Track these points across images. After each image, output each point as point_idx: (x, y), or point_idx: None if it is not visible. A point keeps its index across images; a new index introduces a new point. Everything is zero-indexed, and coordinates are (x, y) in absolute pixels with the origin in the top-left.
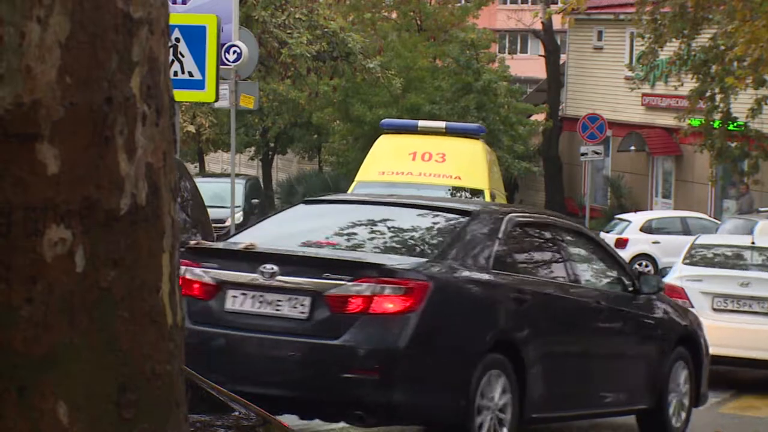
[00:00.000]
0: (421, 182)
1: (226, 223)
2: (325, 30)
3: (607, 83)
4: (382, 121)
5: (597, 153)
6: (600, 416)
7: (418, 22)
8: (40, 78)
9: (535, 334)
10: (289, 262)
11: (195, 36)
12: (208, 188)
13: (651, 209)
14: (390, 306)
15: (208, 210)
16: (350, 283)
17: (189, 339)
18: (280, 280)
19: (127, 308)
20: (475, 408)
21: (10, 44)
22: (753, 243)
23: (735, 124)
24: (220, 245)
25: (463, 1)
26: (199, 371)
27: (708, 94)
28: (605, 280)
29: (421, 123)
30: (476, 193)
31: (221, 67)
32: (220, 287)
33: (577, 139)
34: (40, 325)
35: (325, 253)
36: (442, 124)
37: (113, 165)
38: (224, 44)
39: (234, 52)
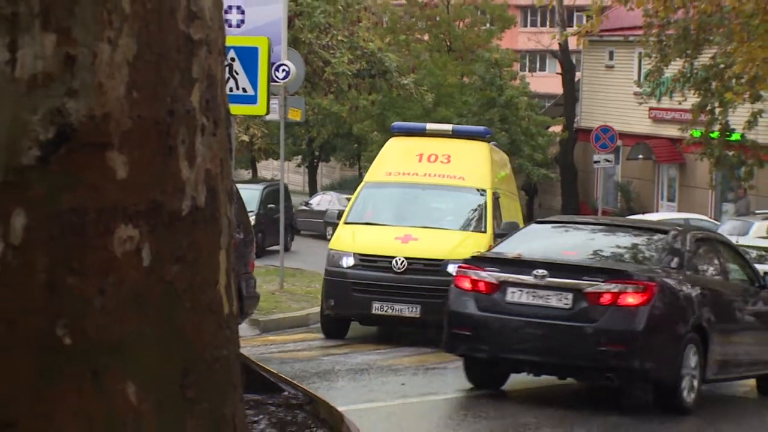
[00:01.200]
0: (426, 182)
1: None
2: (365, 50)
3: (618, 98)
4: (393, 124)
5: (608, 161)
6: (747, 377)
7: (448, 44)
8: (111, 93)
9: (713, 317)
10: (554, 268)
11: (248, 56)
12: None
13: (657, 212)
14: (631, 300)
15: None
16: (603, 283)
17: (478, 322)
18: (548, 281)
19: (189, 300)
20: (681, 371)
21: (83, 63)
22: None
23: (733, 135)
24: (498, 255)
25: (488, 24)
26: (486, 346)
27: (708, 107)
28: (743, 277)
29: (429, 126)
30: (479, 192)
31: (272, 83)
32: (501, 285)
33: (590, 149)
34: (111, 314)
35: (581, 261)
36: (449, 126)
37: (176, 171)
38: (274, 63)
39: (283, 70)
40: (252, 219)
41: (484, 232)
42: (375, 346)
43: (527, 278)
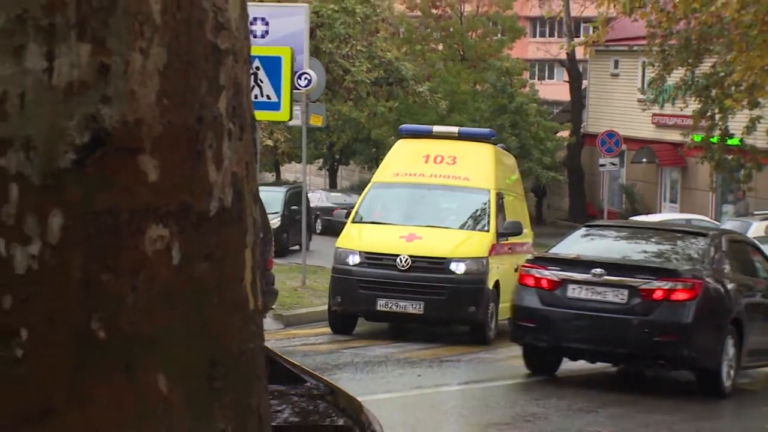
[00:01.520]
0: (431, 183)
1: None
2: (382, 60)
3: (623, 104)
4: (401, 126)
5: (614, 164)
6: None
7: (461, 53)
8: (142, 100)
9: (747, 310)
10: (610, 267)
11: (272, 65)
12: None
13: (660, 212)
14: (681, 296)
15: None
16: (655, 281)
17: (541, 315)
18: (605, 279)
19: (216, 296)
20: (722, 359)
21: (117, 71)
22: None
23: (732, 140)
24: (557, 256)
25: (499, 35)
26: (548, 336)
27: (709, 114)
28: (766, 275)
29: (436, 128)
30: (483, 192)
31: (294, 91)
32: (562, 282)
33: (596, 152)
34: (143, 310)
35: (636, 261)
36: (455, 129)
37: (204, 174)
38: (297, 72)
39: (305, 78)
40: (277, 220)
41: (488, 231)
42: (392, 340)
43: (586, 276)
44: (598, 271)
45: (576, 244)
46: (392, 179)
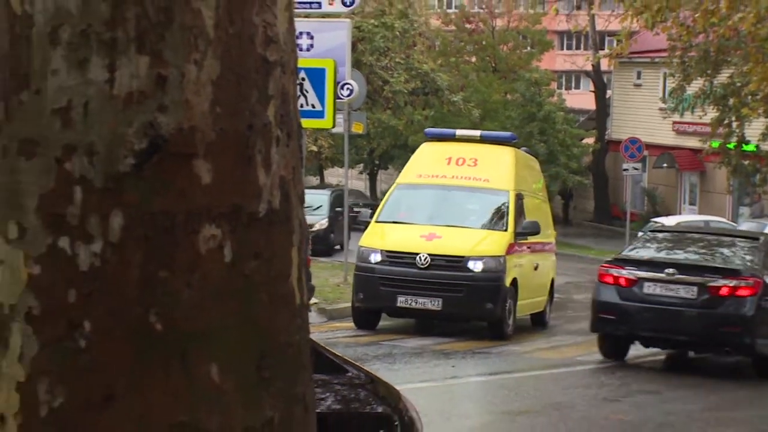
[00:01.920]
0: (453, 184)
1: (315, 228)
2: (419, 71)
3: (645, 113)
4: (426, 130)
5: (636, 169)
6: None
7: (493, 65)
8: (197, 108)
9: None
10: (681, 267)
11: (317, 76)
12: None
13: (680, 214)
14: (744, 292)
15: None
16: (721, 279)
17: (620, 308)
18: (677, 277)
19: (265, 292)
20: None
21: (173, 82)
22: None
23: (748, 146)
24: (633, 257)
25: (528, 48)
26: (626, 326)
27: (726, 121)
28: None
29: (459, 131)
30: (502, 193)
31: (337, 100)
32: (638, 280)
33: (620, 158)
34: (197, 305)
35: (704, 261)
36: (477, 132)
37: (254, 177)
38: (339, 82)
39: (347, 88)
40: (325, 221)
41: (506, 230)
42: (427, 333)
43: (660, 275)
44: (671, 270)
45: (644, 247)
46: (415, 180)
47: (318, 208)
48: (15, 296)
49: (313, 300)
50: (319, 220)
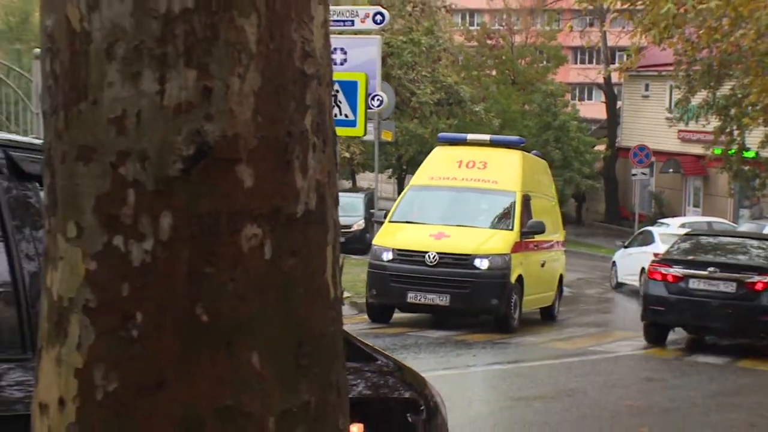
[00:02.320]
0: (462, 186)
1: (353, 228)
2: (443, 84)
3: (652, 122)
4: (439, 134)
5: (644, 174)
6: None
7: (512, 78)
8: (240, 117)
9: None
10: (722, 266)
11: (349, 88)
12: (346, 202)
13: (684, 215)
14: None
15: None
16: (757, 276)
17: (668, 301)
18: (719, 275)
19: (302, 286)
20: None
21: (218, 93)
22: None
23: (748, 153)
24: (678, 257)
25: (545, 62)
26: (673, 317)
27: (728, 130)
28: None
29: (470, 136)
30: (509, 194)
31: (368, 110)
32: (684, 277)
33: (629, 164)
34: (240, 298)
35: (741, 261)
36: (487, 137)
37: (292, 181)
38: (370, 94)
39: (377, 99)
40: (362, 222)
41: (511, 229)
42: (450, 325)
43: (703, 273)
44: (713, 269)
45: (684, 248)
46: (427, 182)
47: (353, 210)
48: (73, 290)
49: (345, 294)
50: (356, 221)
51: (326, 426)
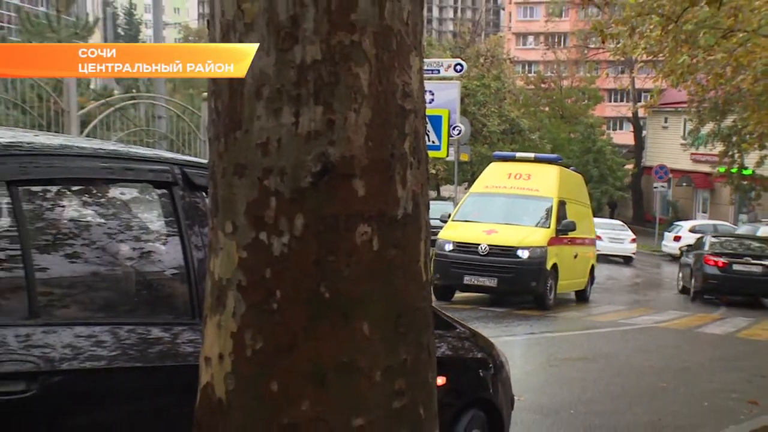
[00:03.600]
0: (511, 193)
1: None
2: (508, 117)
3: (670, 147)
4: (494, 153)
5: (663, 187)
6: None
7: (560, 113)
8: (355, 143)
9: None
10: (753, 256)
11: (436, 121)
12: (434, 208)
13: (695, 219)
14: None
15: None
16: None
17: (719, 277)
18: (752, 262)
19: (401, 272)
20: None
21: (339, 124)
22: None
23: (747, 171)
24: (721, 251)
25: (586, 101)
26: (723, 288)
27: (730, 153)
28: None
29: (518, 154)
30: (548, 200)
31: (450, 138)
32: (729, 263)
33: (651, 179)
34: (354, 280)
35: (759, 253)
36: (531, 155)
37: (394, 191)
38: (452, 125)
39: (457, 129)
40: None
41: (548, 227)
42: (504, 303)
43: (741, 260)
44: (747, 258)
45: (722, 245)
46: (483, 190)
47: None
48: (230, 272)
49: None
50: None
51: (419, 378)
